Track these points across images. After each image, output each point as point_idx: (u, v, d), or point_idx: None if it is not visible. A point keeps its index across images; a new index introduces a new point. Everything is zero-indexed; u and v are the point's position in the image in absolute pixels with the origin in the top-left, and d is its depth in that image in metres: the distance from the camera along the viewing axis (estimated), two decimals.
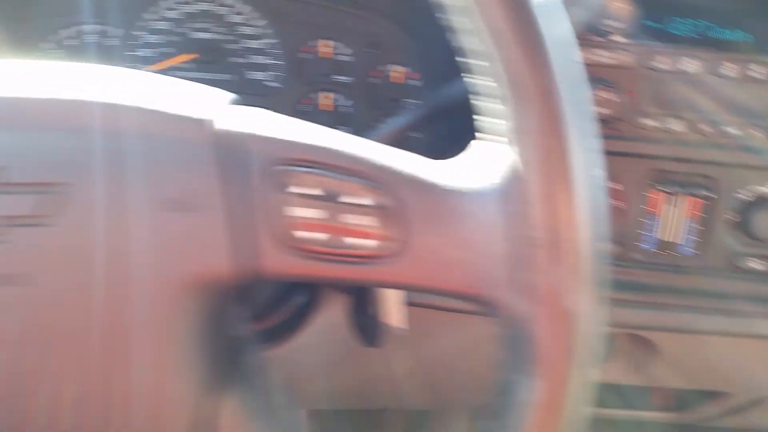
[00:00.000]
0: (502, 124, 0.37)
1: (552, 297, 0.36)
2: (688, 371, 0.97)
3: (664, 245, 0.80)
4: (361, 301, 0.66)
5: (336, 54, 0.91)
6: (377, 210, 0.37)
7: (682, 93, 0.74)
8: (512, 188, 0.37)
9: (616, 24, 0.69)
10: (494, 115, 0.38)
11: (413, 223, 0.37)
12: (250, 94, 0.91)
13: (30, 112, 0.36)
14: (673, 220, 0.79)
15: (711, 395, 1.06)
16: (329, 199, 0.37)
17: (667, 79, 0.73)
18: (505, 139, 0.37)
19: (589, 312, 0.37)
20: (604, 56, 0.66)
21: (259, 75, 0.92)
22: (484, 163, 0.39)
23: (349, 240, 0.37)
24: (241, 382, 0.42)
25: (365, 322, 0.66)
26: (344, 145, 0.38)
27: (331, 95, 0.91)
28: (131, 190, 0.35)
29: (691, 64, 0.73)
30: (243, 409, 0.41)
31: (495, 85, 0.37)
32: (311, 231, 0.36)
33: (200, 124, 0.37)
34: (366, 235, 0.37)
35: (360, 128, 0.92)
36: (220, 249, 0.36)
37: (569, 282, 0.36)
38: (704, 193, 0.77)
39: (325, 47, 0.91)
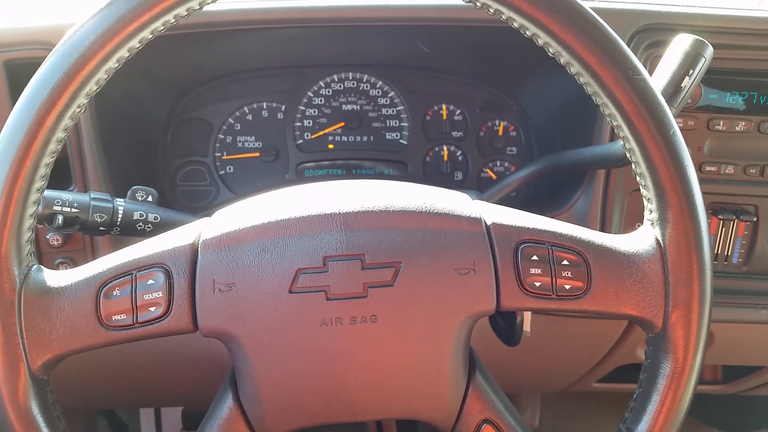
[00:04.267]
0: (649, 212, 0.61)
1: (686, 310, 0.60)
2: (735, 352, 1.22)
3: (720, 258, 1.05)
4: (506, 313, 0.87)
5: (454, 115, 1.16)
6: (576, 267, 0.61)
7: (734, 146, 1.00)
8: (657, 252, 0.60)
9: (689, 100, 0.92)
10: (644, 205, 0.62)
11: (596, 273, 0.61)
12: (388, 151, 1.16)
13: (382, 219, 0.60)
14: (727, 239, 1.03)
15: (752, 370, 1.32)
16: (549, 262, 0.61)
17: (724, 137, 0.99)
18: (652, 222, 0.61)
19: (707, 316, 0.61)
20: (678, 122, 0.90)
21: (393, 135, 1.17)
22: (639, 236, 0.63)
23: (560, 285, 0.61)
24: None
25: (509, 327, 0.88)
26: (556, 226, 0.62)
27: (450, 148, 1.16)
28: (439, 263, 0.59)
29: (740, 125, 0.98)
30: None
31: (645, 192, 0.61)
32: (539, 281, 0.61)
33: (478, 221, 0.61)
34: (569, 282, 0.61)
35: (469, 171, 1.17)
36: (490, 296, 0.60)
37: (697, 301, 0.60)
38: (750, 218, 1.01)
39: (446, 110, 1.16)
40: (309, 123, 1.15)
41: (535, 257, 0.60)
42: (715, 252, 1.05)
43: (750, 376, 1.33)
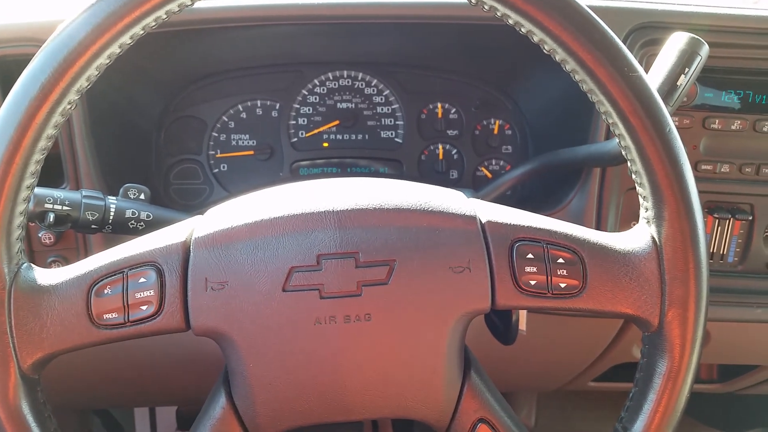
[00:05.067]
0: (645, 210, 0.61)
1: (682, 308, 0.60)
2: (730, 351, 1.22)
3: (716, 256, 1.04)
4: (502, 312, 0.87)
5: (449, 114, 1.15)
6: (571, 265, 0.60)
7: (730, 145, 1.00)
8: (653, 251, 0.60)
9: (684, 98, 0.92)
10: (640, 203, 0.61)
11: (591, 271, 0.60)
12: (383, 149, 1.16)
13: (376, 217, 0.59)
14: (722, 237, 1.03)
15: (748, 369, 1.32)
16: (545, 260, 0.60)
17: (720, 136, 0.99)
18: (647, 220, 0.61)
19: (704, 315, 0.60)
20: (674, 120, 0.90)
21: (389, 133, 1.16)
22: (635, 234, 0.62)
23: (555, 283, 0.60)
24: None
25: (504, 326, 0.87)
26: (551, 224, 0.62)
27: (445, 146, 1.16)
28: (433, 261, 0.59)
29: (736, 124, 0.98)
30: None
31: (640, 190, 0.60)
32: (534, 280, 0.60)
33: (473, 219, 0.61)
34: (564, 280, 0.60)
35: (464, 170, 1.17)
36: (485, 294, 0.59)
37: (693, 300, 0.60)
38: (745, 217, 1.01)
39: (441, 109, 1.15)
40: (304, 121, 1.15)
41: (530, 255, 0.59)
42: (711, 251, 1.04)
43: (746, 375, 1.33)
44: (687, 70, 0.77)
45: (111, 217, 0.80)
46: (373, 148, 1.16)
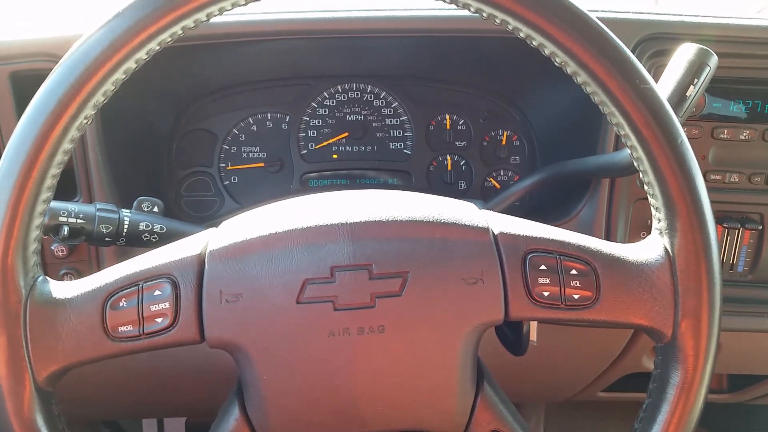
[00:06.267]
0: (657, 221, 0.61)
1: (696, 319, 0.60)
2: (740, 360, 1.21)
3: (725, 266, 1.04)
4: (513, 323, 0.87)
5: (457, 125, 1.16)
6: (585, 276, 0.60)
7: (739, 155, 1.00)
8: (666, 262, 0.60)
9: (693, 109, 0.92)
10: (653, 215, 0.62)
11: (605, 283, 0.61)
12: (392, 161, 1.17)
13: (389, 229, 0.60)
14: (732, 247, 1.03)
15: (758, 379, 1.31)
16: (558, 271, 0.61)
17: (729, 146, 0.99)
18: (660, 231, 0.61)
19: (717, 326, 0.60)
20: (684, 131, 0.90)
21: (397, 145, 1.17)
22: (647, 245, 0.62)
23: (568, 295, 0.61)
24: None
25: (515, 337, 0.87)
26: (563, 236, 0.62)
27: (454, 157, 1.17)
28: (446, 273, 0.59)
29: (744, 134, 0.98)
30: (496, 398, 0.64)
31: (653, 201, 0.61)
32: (547, 291, 0.60)
33: (486, 230, 0.61)
34: (578, 291, 0.61)
35: (473, 181, 1.18)
36: (498, 306, 0.60)
37: (706, 310, 0.60)
38: (755, 226, 1.01)
39: (449, 120, 1.16)
40: (313, 133, 1.16)
41: (543, 267, 0.60)
42: (721, 260, 1.04)
43: (756, 386, 1.33)
44: (696, 80, 0.77)
45: (125, 230, 0.80)
46: (382, 159, 1.17)
